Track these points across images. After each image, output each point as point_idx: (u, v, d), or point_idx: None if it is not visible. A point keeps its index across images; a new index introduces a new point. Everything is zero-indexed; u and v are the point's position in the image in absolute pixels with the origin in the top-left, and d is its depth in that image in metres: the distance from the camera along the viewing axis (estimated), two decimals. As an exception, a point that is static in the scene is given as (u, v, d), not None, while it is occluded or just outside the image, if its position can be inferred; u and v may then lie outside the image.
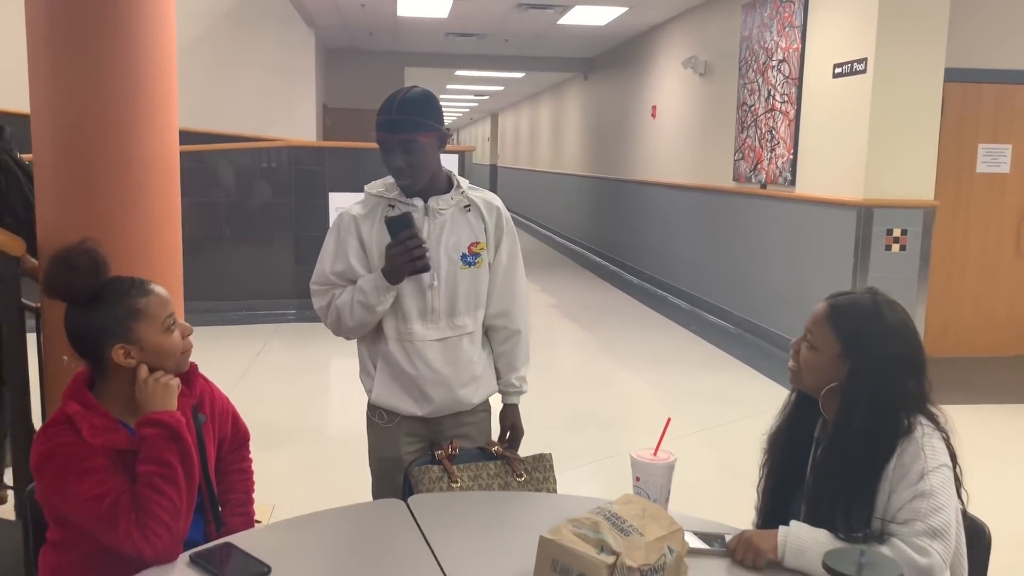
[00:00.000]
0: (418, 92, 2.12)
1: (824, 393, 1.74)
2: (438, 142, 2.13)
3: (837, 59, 6.02)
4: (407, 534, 1.77)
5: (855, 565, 1.21)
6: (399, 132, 2.06)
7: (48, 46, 2.76)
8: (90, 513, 1.61)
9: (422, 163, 2.09)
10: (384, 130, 2.08)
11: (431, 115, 2.10)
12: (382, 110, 2.09)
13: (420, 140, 2.07)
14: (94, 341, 1.70)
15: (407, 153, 2.07)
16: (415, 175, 2.10)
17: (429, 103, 2.11)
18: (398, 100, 2.07)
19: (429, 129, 2.08)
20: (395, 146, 2.07)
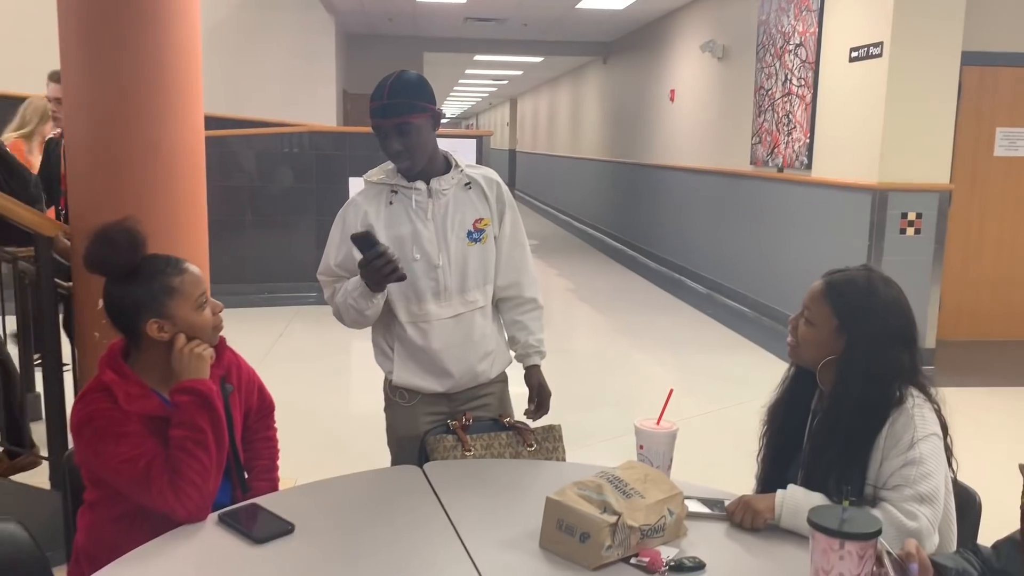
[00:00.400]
0: (409, 76, 2.15)
1: (821, 366, 1.81)
2: (432, 122, 2.16)
3: (853, 43, 6.03)
4: (422, 497, 1.87)
5: (837, 520, 1.29)
6: (392, 116, 2.10)
7: (79, 33, 2.86)
8: (125, 474, 1.71)
9: (418, 144, 2.13)
10: (378, 116, 2.12)
11: (422, 96, 2.13)
12: (374, 97, 2.12)
13: (413, 121, 2.10)
14: (130, 314, 1.79)
15: (402, 136, 2.11)
16: (413, 157, 2.15)
17: (419, 85, 2.14)
18: (388, 85, 2.11)
19: (421, 110, 2.12)
20: (390, 131, 2.11)
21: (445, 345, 2.24)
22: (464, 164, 2.28)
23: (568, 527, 1.57)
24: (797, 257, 6.87)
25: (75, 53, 2.87)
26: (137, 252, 1.80)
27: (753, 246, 7.74)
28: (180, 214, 2.99)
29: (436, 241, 2.20)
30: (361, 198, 2.25)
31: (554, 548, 1.60)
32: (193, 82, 3.02)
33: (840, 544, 1.29)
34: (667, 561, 1.55)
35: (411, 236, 2.19)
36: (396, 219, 2.20)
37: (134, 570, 1.55)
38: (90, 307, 3.00)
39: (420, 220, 2.19)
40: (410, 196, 2.20)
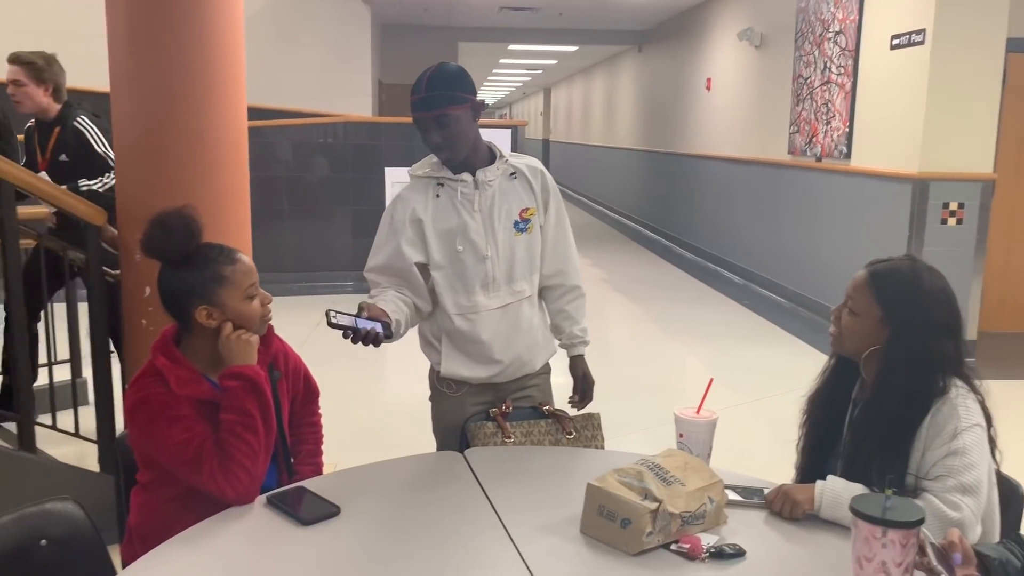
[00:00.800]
0: (447, 67, 2.15)
1: (865, 356, 1.81)
2: (472, 113, 2.15)
3: (895, 30, 5.94)
4: (464, 483, 1.90)
5: (880, 508, 1.29)
6: (431, 108, 2.10)
7: (126, 26, 2.92)
8: (177, 457, 1.76)
9: (458, 135, 2.13)
10: (418, 109, 2.12)
11: (461, 87, 2.13)
12: (414, 90, 2.12)
13: (452, 113, 2.10)
14: (181, 300, 1.84)
15: (442, 128, 2.11)
16: (453, 148, 2.15)
17: (458, 76, 2.14)
18: (427, 77, 2.11)
19: (461, 101, 2.11)
20: (430, 123, 2.12)
21: (493, 335, 2.25)
22: (508, 154, 2.28)
23: (609, 513, 1.59)
24: (835, 247, 6.80)
25: (123, 45, 2.94)
26: (192, 239, 1.84)
27: (790, 236, 7.68)
28: (224, 204, 3.04)
29: (484, 232, 2.21)
30: (408, 192, 2.25)
31: (595, 533, 1.62)
32: (236, 73, 3.06)
33: (883, 532, 1.29)
34: (707, 548, 1.57)
35: (459, 228, 2.20)
36: (443, 212, 2.21)
37: (185, 550, 1.60)
38: (137, 295, 3.07)
39: (467, 212, 2.20)
40: (456, 188, 2.21)
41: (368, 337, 1.92)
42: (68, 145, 3.71)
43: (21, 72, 3.71)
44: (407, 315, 2.17)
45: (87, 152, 3.70)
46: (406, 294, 2.21)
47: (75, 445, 3.41)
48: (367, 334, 1.92)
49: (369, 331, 1.92)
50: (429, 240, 2.20)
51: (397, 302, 2.16)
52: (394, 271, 2.22)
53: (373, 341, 1.93)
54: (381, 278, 2.24)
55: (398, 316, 2.10)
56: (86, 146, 3.71)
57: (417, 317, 2.27)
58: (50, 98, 3.77)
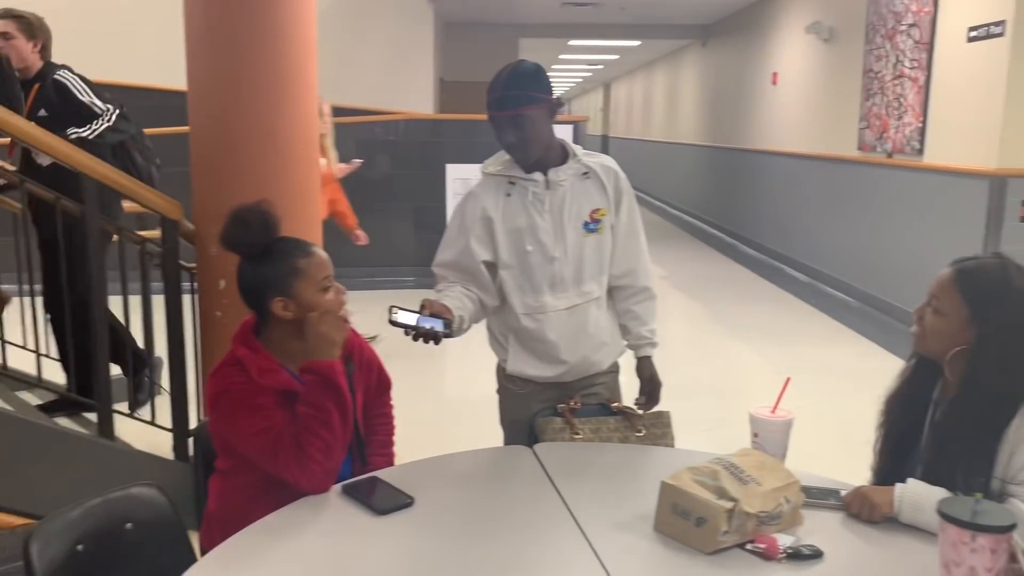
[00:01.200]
0: (524, 66, 2.14)
1: (949, 357, 1.75)
2: (548, 114, 2.15)
3: (972, 22, 5.75)
4: (534, 477, 1.90)
5: (969, 512, 1.26)
6: (507, 108, 2.09)
7: (204, 27, 2.99)
8: (256, 445, 1.80)
9: (533, 136, 2.13)
10: (494, 108, 2.12)
11: (539, 88, 2.12)
12: (490, 89, 2.12)
13: (529, 114, 2.10)
14: (258, 292, 1.88)
15: (517, 128, 2.11)
16: (527, 149, 2.15)
17: (536, 76, 2.13)
18: (505, 77, 2.11)
19: (538, 102, 2.11)
20: (505, 123, 2.11)
21: (560, 336, 2.25)
22: (581, 152, 2.26)
23: (683, 511, 1.58)
24: (907, 246, 6.62)
25: (200, 44, 3.01)
26: (269, 233, 1.88)
27: (859, 234, 7.50)
28: (296, 200, 3.10)
29: (553, 233, 2.20)
30: (479, 190, 2.26)
31: (669, 531, 1.61)
32: (309, 72, 3.12)
33: (972, 537, 1.26)
34: (784, 548, 1.54)
35: (528, 228, 2.20)
36: (513, 211, 2.21)
37: (263, 537, 1.64)
38: (212, 288, 3.15)
39: (537, 212, 2.20)
40: (527, 188, 2.20)
41: (428, 335, 1.95)
42: (48, 100, 3.57)
43: (12, 25, 3.60)
44: (471, 311, 2.18)
45: (71, 103, 3.53)
46: (472, 290, 2.23)
47: (149, 433, 3.52)
48: (427, 332, 1.94)
49: (429, 329, 1.94)
50: (498, 239, 2.21)
51: (462, 298, 2.17)
52: (462, 268, 2.24)
53: (433, 339, 1.96)
54: (449, 273, 2.26)
55: (461, 312, 2.12)
56: (68, 97, 3.54)
57: (482, 313, 2.28)
58: (36, 55, 3.64)
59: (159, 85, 8.01)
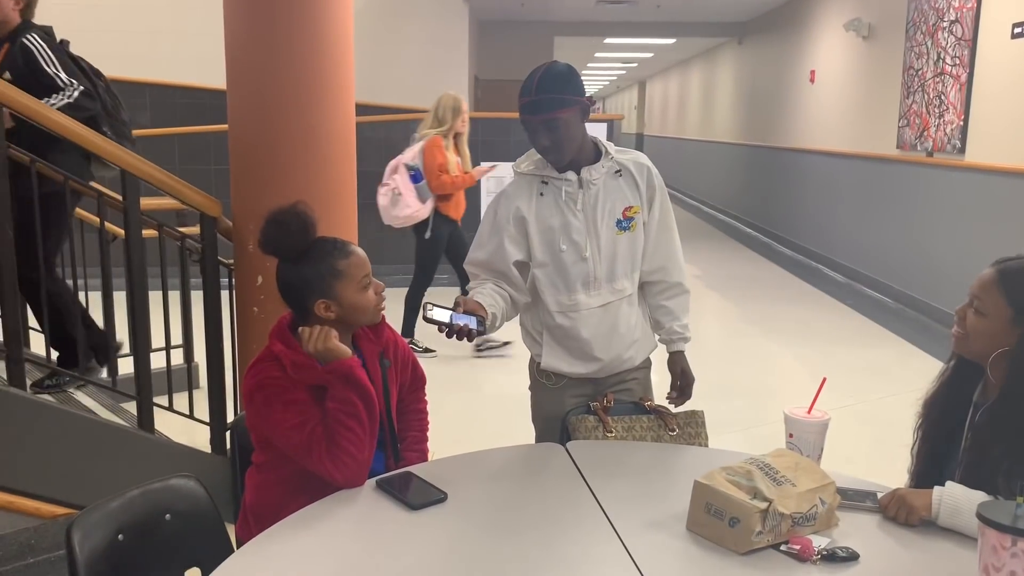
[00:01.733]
0: (556, 68, 2.13)
1: (992, 358, 1.72)
2: (580, 115, 2.14)
3: (1017, 18, 5.64)
4: (567, 475, 1.90)
5: (1011, 516, 1.24)
6: (540, 112, 2.09)
7: (244, 25, 3.03)
8: (291, 439, 1.83)
9: (566, 139, 2.13)
10: (526, 112, 2.11)
11: (571, 89, 2.11)
12: (522, 92, 2.11)
13: (561, 116, 2.09)
14: (300, 294, 1.90)
15: (551, 132, 2.11)
16: (561, 151, 2.15)
17: (568, 78, 2.12)
18: (536, 80, 2.09)
19: (570, 104, 2.10)
20: (538, 126, 2.11)
21: (594, 333, 2.26)
22: (615, 149, 2.26)
23: (717, 511, 1.57)
24: (947, 246, 6.51)
25: (240, 43, 3.05)
26: (307, 235, 1.89)
27: (898, 234, 7.39)
28: (334, 197, 3.13)
29: (586, 232, 2.21)
30: (512, 189, 2.27)
31: (702, 531, 1.60)
32: (346, 70, 3.15)
33: (1013, 541, 1.23)
34: (819, 550, 1.53)
35: (561, 227, 2.21)
36: (546, 210, 2.22)
37: (299, 530, 1.66)
38: (250, 284, 3.19)
39: (570, 211, 2.21)
40: (560, 187, 2.21)
41: (462, 332, 1.96)
42: (15, 63, 3.35)
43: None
44: (503, 309, 2.20)
45: (35, 71, 3.32)
46: (504, 288, 2.25)
47: (186, 426, 3.58)
48: (461, 329, 1.96)
49: (463, 327, 1.96)
50: (532, 238, 2.22)
51: (494, 295, 2.19)
52: (495, 267, 2.26)
53: (467, 336, 1.97)
54: (481, 271, 2.28)
55: (494, 310, 2.14)
56: (33, 64, 3.33)
57: (514, 310, 2.30)
58: (16, 12, 3.42)
59: (200, 84, 8.14)
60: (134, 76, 8.57)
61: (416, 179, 5.36)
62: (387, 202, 5.42)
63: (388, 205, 5.42)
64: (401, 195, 5.34)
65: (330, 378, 1.85)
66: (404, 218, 5.40)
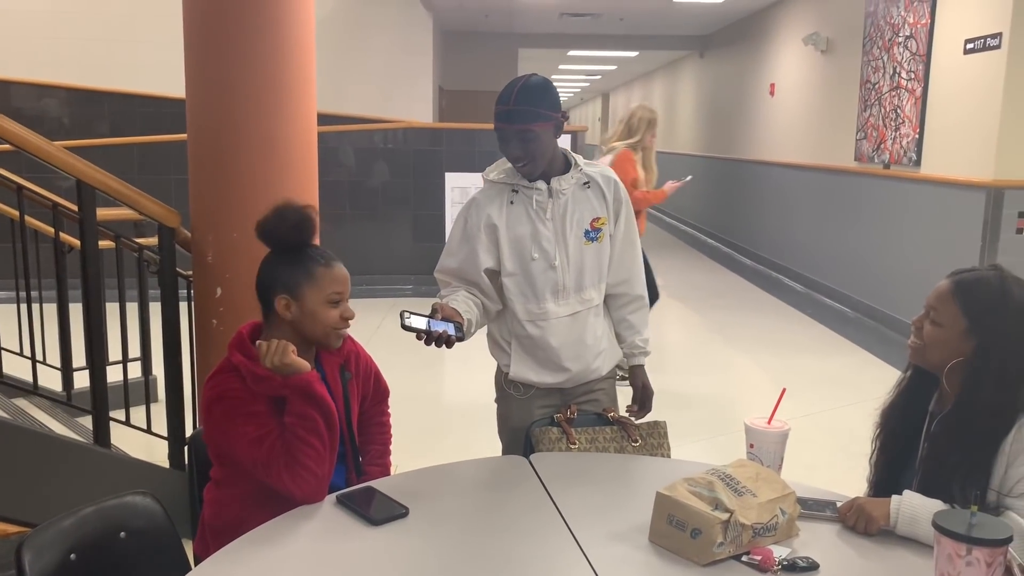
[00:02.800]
0: (535, 81, 2.15)
1: (948, 368, 1.75)
2: (555, 130, 2.17)
3: (969, 34, 5.78)
4: (530, 488, 1.90)
5: (965, 524, 1.25)
6: (516, 122, 2.11)
7: (202, 33, 3.00)
8: (250, 454, 1.80)
9: (539, 151, 2.15)
10: (502, 121, 2.13)
11: (547, 104, 2.13)
12: (500, 100, 2.13)
13: (536, 129, 2.11)
14: (267, 285, 1.90)
15: (524, 143, 2.12)
16: (533, 163, 2.16)
17: (546, 92, 2.14)
18: (516, 90, 2.11)
19: (546, 119, 2.12)
20: (512, 136, 2.12)
21: (562, 342, 2.27)
22: (583, 162, 2.29)
23: (679, 522, 1.58)
24: (903, 256, 6.63)
25: (199, 51, 3.01)
26: (302, 234, 1.88)
27: (856, 245, 7.51)
28: (294, 207, 3.09)
29: (555, 241, 2.22)
30: (482, 197, 2.28)
31: (664, 543, 1.60)
32: (307, 79, 3.12)
33: (968, 550, 1.25)
34: (779, 560, 1.54)
35: (531, 236, 2.22)
36: (516, 219, 2.23)
37: (258, 547, 1.63)
38: (209, 296, 3.14)
39: (540, 220, 2.22)
40: (531, 196, 2.22)
41: (441, 339, 1.95)
42: None
43: None
44: (477, 316, 2.21)
45: None
46: (476, 295, 2.25)
47: (144, 441, 3.51)
48: (440, 336, 1.94)
49: (442, 333, 1.95)
50: (502, 247, 2.23)
51: (468, 302, 2.20)
52: (466, 275, 2.26)
53: (445, 342, 1.97)
54: (452, 279, 2.28)
55: (469, 316, 2.15)
56: None
57: (485, 318, 2.30)
58: None
59: (159, 93, 8.04)
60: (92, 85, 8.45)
61: None
62: None
63: None
64: None
65: (289, 392, 1.82)
66: None
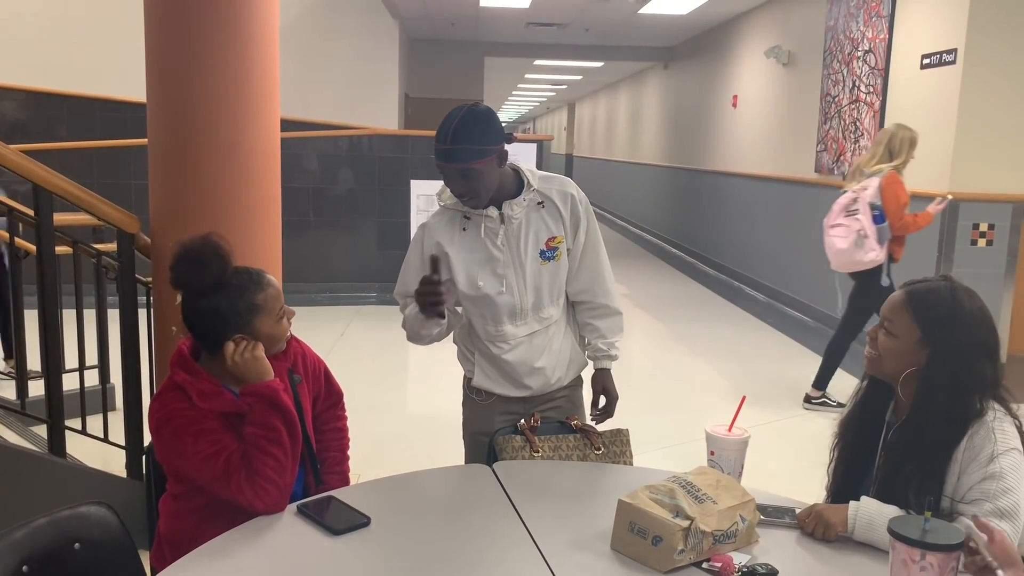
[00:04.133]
0: (473, 115, 2.06)
1: (903, 378, 1.78)
2: (497, 162, 2.10)
3: (925, 50, 5.91)
4: (493, 496, 1.90)
5: (919, 530, 1.28)
6: (455, 162, 2.05)
7: (164, 37, 2.96)
8: (206, 471, 1.76)
9: (482, 186, 2.09)
10: (441, 159, 2.06)
11: (488, 139, 2.06)
12: (438, 138, 2.06)
13: (476, 167, 2.05)
14: (215, 329, 1.82)
15: (466, 180, 2.07)
16: (477, 197, 2.12)
17: (486, 124, 2.07)
18: (452, 128, 2.04)
19: (486, 154, 2.05)
20: (454, 174, 2.07)
21: (520, 359, 2.27)
22: (537, 178, 2.23)
23: (640, 530, 1.58)
24: (862, 267, 6.74)
25: (160, 55, 2.97)
26: (226, 271, 1.82)
27: (816, 255, 7.59)
28: (256, 214, 3.07)
29: (510, 265, 2.21)
30: (435, 222, 2.25)
31: (626, 550, 1.61)
32: (271, 85, 3.10)
33: (921, 555, 1.28)
34: (739, 567, 1.55)
35: (486, 261, 2.20)
36: (469, 245, 2.21)
37: (215, 558, 1.61)
38: (168, 303, 3.10)
39: (493, 246, 2.20)
40: (482, 223, 2.19)
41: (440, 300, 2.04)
42: None
43: None
44: (444, 326, 2.25)
45: None
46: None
47: (102, 451, 3.45)
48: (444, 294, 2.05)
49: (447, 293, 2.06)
50: (456, 273, 2.21)
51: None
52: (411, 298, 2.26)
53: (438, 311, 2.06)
54: (404, 301, 2.30)
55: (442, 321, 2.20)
56: None
57: (452, 327, 2.34)
58: None
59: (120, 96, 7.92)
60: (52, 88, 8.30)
61: (878, 220, 4.77)
62: (849, 244, 4.83)
63: (851, 248, 4.83)
64: (867, 237, 4.74)
65: (251, 400, 1.80)
66: (867, 263, 4.79)
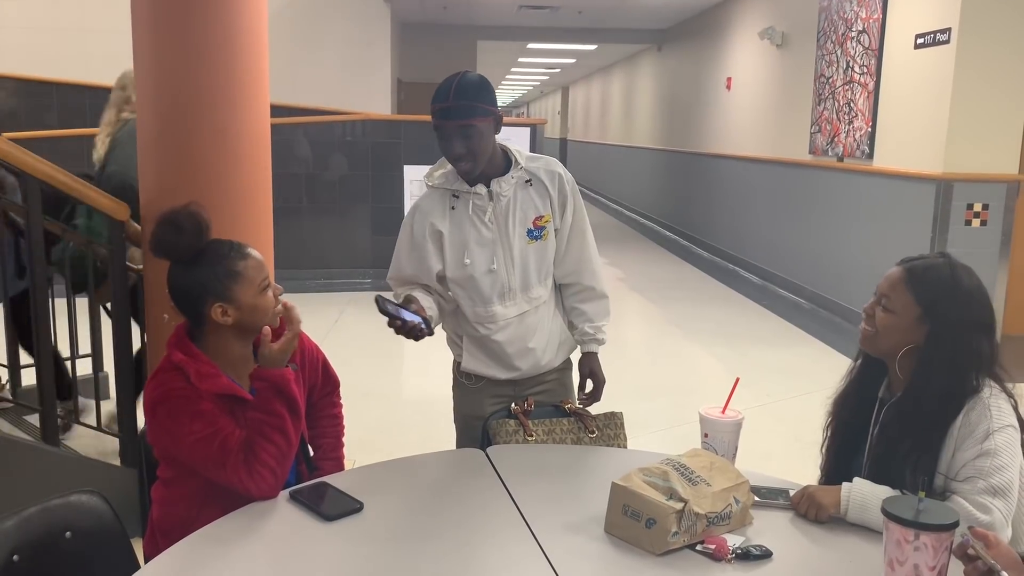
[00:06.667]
0: (472, 77, 2.12)
1: (900, 355, 1.77)
2: (493, 126, 2.14)
3: (919, 29, 5.89)
4: (487, 480, 1.89)
5: (913, 511, 1.27)
6: (456, 118, 2.07)
7: (151, 22, 2.92)
8: (200, 453, 1.76)
9: (480, 148, 2.11)
10: (441, 117, 2.09)
11: (486, 99, 2.11)
12: (437, 98, 2.09)
13: (477, 124, 2.08)
14: (194, 298, 1.83)
15: (466, 139, 2.09)
16: (475, 160, 2.13)
17: (483, 87, 2.12)
18: (453, 86, 2.08)
19: (485, 114, 2.09)
20: (453, 132, 2.08)
21: (511, 342, 2.27)
22: (525, 157, 2.25)
23: (634, 512, 1.58)
24: (857, 248, 6.75)
25: (147, 40, 2.94)
26: (202, 236, 1.83)
27: (811, 237, 7.62)
28: (246, 200, 3.04)
29: (499, 243, 2.21)
30: (426, 203, 2.25)
31: (619, 533, 1.61)
32: (260, 70, 3.06)
33: (916, 535, 1.27)
34: (733, 549, 1.55)
35: (475, 240, 2.20)
36: (459, 224, 2.21)
37: (208, 545, 1.60)
38: (159, 290, 3.07)
39: (482, 224, 2.20)
40: (470, 200, 2.20)
41: (413, 331, 1.96)
42: None
43: None
44: (436, 314, 2.22)
45: None
46: (432, 294, 2.26)
47: (96, 439, 3.44)
48: (412, 327, 1.95)
49: (416, 325, 1.96)
50: (447, 252, 2.22)
51: (428, 299, 2.21)
52: (420, 280, 2.26)
53: (415, 334, 1.97)
54: (404, 287, 2.28)
55: (431, 312, 2.16)
56: None
57: (442, 316, 2.31)
58: None
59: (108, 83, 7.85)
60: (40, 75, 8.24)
61: None
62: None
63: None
64: None
65: (260, 386, 1.79)
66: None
